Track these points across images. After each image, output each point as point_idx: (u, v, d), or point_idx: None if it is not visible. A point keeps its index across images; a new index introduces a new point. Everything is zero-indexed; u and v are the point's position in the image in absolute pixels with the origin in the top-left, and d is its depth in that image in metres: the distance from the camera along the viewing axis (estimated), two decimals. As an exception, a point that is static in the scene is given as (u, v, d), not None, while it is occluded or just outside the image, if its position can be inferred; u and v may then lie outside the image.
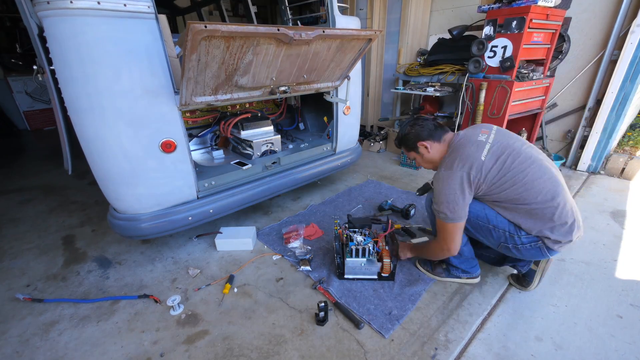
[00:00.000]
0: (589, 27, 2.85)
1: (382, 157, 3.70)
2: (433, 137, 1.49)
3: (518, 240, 1.38)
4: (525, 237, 1.36)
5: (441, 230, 1.43)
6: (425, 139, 1.49)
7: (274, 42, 1.50)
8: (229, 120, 2.27)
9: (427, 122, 1.51)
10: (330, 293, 1.61)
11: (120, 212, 1.67)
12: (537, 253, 1.39)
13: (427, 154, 1.51)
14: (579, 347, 1.32)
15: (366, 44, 1.90)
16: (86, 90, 1.34)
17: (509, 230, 1.38)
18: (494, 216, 1.40)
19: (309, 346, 1.35)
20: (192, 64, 1.34)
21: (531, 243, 1.37)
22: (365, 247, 1.64)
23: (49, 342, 1.40)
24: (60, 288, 1.73)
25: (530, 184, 1.28)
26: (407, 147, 1.57)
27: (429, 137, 1.49)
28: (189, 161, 1.70)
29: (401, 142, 1.60)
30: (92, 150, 1.47)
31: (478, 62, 2.79)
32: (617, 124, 2.83)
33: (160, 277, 1.79)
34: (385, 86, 4.25)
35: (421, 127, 1.50)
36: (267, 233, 2.16)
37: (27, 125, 5.30)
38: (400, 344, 1.35)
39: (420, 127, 1.50)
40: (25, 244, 2.13)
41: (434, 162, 1.53)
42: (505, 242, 1.41)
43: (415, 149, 1.54)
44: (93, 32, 1.27)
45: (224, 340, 1.39)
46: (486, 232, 1.44)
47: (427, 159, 1.54)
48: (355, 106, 2.55)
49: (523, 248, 1.39)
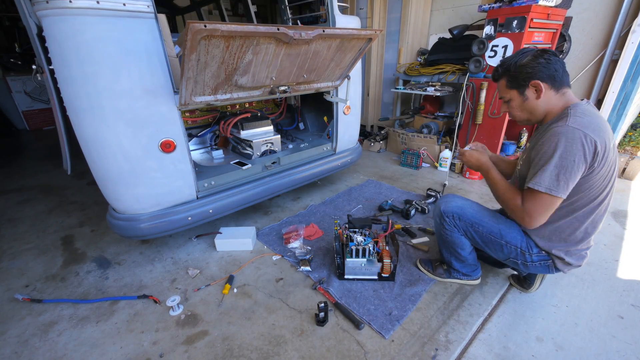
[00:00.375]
0: (590, 27, 2.85)
1: (383, 157, 3.70)
2: (554, 82, 1.15)
3: (529, 257, 1.35)
4: (536, 255, 1.33)
5: (534, 198, 1.16)
6: (544, 79, 1.15)
7: (273, 42, 1.50)
8: (228, 120, 2.27)
9: (555, 61, 1.14)
10: (330, 293, 1.61)
11: (120, 212, 1.67)
12: (543, 270, 1.38)
13: (534, 100, 1.19)
14: (580, 348, 1.32)
15: (366, 44, 1.90)
16: (85, 89, 1.34)
17: (521, 247, 1.34)
18: (507, 232, 1.36)
19: (309, 347, 1.35)
20: (191, 64, 1.34)
21: (541, 261, 1.35)
22: (366, 248, 1.64)
23: (48, 343, 1.40)
24: (60, 288, 1.73)
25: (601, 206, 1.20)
26: (512, 82, 1.22)
27: (549, 79, 1.15)
28: (189, 161, 1.70)
29: (506, 72, 1.23)
30: (91, 150, 1.47)
31: (479, 61, 2.79)
32: (618, 123, 2.83)
33: (160, 278, 1.79)
34: (385, 86, 4.25)
35: (547, 62, 1.13)
36: (266, 233, 2.16)
37: (26, 125, 5.31)
38: (401, 344, 1.35)
39: (546, 62, 1.13)
40: (24, 244, 2.13)
41: (535, 114, 1.22)
42: (515, 257, 1.38)
43: (521, 88, 1.20)
44: (92, 31, 1.27)
45: (223, 341, 1.39)
46: (497, 247, 1.41)
47: (530, 107, 1.21)
48: (355, 106, 2.55)
49: (532, 265, 1.37)
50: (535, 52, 1.18)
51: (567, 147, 1.06)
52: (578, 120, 1.08)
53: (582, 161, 1.07)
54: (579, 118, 1.08)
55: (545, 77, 1.15)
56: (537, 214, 1.17)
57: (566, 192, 1.10)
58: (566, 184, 1.09)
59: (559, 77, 1.15)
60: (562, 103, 1.18)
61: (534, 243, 1.34)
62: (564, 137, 1.07)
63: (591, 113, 1.11)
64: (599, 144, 1.06)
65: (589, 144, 1.05)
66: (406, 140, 3.54)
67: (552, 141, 1.09)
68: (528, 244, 1.34)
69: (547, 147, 1.10)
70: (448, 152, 3.14)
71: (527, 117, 1.26)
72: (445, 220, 1.47)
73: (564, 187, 1.09)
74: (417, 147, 3.40)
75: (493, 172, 1.35)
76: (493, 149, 2.91)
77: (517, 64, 1.19)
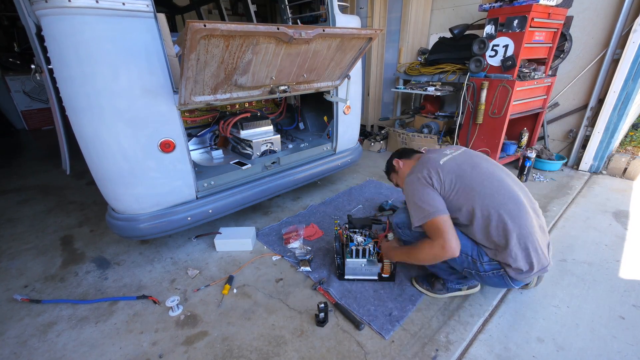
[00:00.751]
0: (591, 26, 2.85)
1: (383, 157, 3.70)
2: (403, 156, 1.67)
3: (480, 267, 1.35)
4: (487, 263, 1.34)
5: (430, 230, 1.33)
6: (397, 157, 1.68)
7: (273, 41, 1.50)
8: (228, 119, 2.27)
9: (403, 149, 1.74)
10: (330, 294, 1.61)
11: (119, 213, 1.67)
12: (500, 282, 1.37)
13: (400, 170, 1.64)
14: (580, 349, 1.32)
15: (366, 43, 1.90)
16: (84, 89, 1.34)
17: (472, 255, 1.36)
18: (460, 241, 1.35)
19: (309, 347, 1.35)
20: (191, 63, 1.34)
21: (493, 271, 1.34)
22: (366, 248, 1.64)
23: (47, 344, 1.40)
24: (59, 289, 1.73)
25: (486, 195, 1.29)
26: (388, 171, 1.76)
27: (401, 156, 1.68)
28: (188, 161, 1.70)
29: (388, 175, 1.79)
30: (91, 150, 1.47)
31: (479, 61, 2.79)
32: (619, 123, 2.83)
33: (159, 278, 1.79)
34: (385, 85, 4.25)
35: (396, 151, 1.73)
36: (266, 233, 2.16)
37: (25, 125, 5.31)
38: (401, 345, 1.35)
39: (396, 151, 1.74)
40: (23, 245, 2.13)
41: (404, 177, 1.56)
42: (468, 267, 1.38)
43: (393, 169, 1.70)
44: (91, 31, 1.27)
45: (223, 342, 1.39)
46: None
47: (401, 176, 1.63)
48: (355, 106, 2.55)
49: (485, 276, 1.36)
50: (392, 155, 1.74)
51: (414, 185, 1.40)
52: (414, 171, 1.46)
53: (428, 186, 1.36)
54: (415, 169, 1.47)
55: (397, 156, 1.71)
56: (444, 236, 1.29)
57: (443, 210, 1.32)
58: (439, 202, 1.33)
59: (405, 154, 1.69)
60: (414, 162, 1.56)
61: (484, 251, 1.34)
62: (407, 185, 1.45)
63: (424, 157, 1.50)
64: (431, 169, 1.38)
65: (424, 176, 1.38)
66: (406, 140, 3.54)
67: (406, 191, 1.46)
68: (479, 251, 1.35)
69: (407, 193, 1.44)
70: (448, 152, 3.13)
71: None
72: (399, 230, 1.57)
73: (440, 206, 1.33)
74: (418, 147, 3.40)
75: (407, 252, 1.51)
76: (494, 149, 2.91)
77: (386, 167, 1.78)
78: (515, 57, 2.58)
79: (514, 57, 2.58)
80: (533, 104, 2.96)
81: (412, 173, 1.45)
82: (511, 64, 2.61)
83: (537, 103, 3.01)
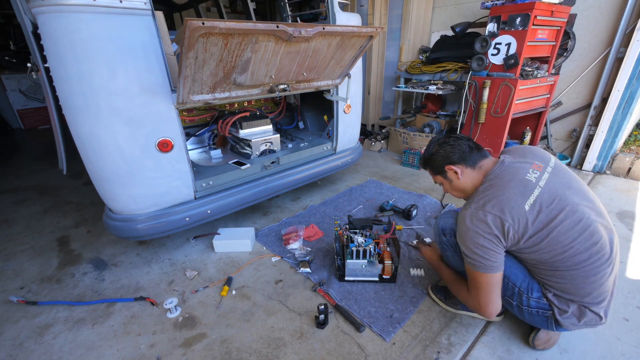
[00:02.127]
0: (595, 24, 2.85)
1: (384, 157, 3.71)
2: (466, 162, 1.24)
3: (525, 300, 1.20)
4: (535, 300, 1.19)
5: (471, 279, 1.19)
6: (455, 162, 1.25)
7: (273, 39, 1.50)
8: (227, 119, 2.27)
9: (460, 142, 1.26)
10: (330, 295, 1.61)
11: (116, 213, 1.67)
12: (541, 322, 1.22)
13: (457, 180, 1.27)
14: (584, 351, 1.32)
15: (367, 41, 1.90)
16: (81, 88, 1.34)
17: (520, 287, 1.21)
18: (508, 266, 1.20)
19: (309, 349, 1.35)
20: (189, 62, 1.34)
21: (539, 309, 1.20)
22: (366, 249, 1.64)
23: (43, 346, 1.40)
24: (55, 290, 1.73)
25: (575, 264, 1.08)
26: (433, 170, 1.34)
27: (460, 160, 1.24)
28: (186, 161, 1.70)
29: (426, 164, 1.37)
30: (88, 150, 1.47)
31: (481, 59, 2.79)
32: (623, 123, 2.83)
33: (157, 279, 1.79)
34: (386, 84, 4.25)
35: (452, 147, 1.25)
36: (266, 234, 2.16)
37: (21, 124, 5.31)
38: (402, 347, 1.35)
39: (451, 147, 1.25)
40: (19, 246, 2.13)
41: (464, 192, 1.29)
42: (510, 297, 1.24)
43: (443, 174, 1.30)
44: (88, 29, 1.27)
45: (222, 344, 1.39)
46: None
47: (457, 187, 1.30)
48: (355, 105, 2.55)
49: (527, 311, 1.22)
50: (440, 140, 1.31)
51: (472, 229, 1.11)
52: (481, 201, 1.12)
53: (492, 239, 1.09)
54: (482, 200, 1.12)
55: (457, 160, 1.25)
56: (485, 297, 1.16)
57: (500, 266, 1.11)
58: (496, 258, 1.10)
59: (469, 155, 1.24)
60: (481, 176, 1.23)
61: (537, 286, 1.20)
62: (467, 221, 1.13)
63: (501, 180, 1.14)
64: (505, 219, 1.07)
65: (492, 222, 1.08)
66: (408, 140, 3.54)
67: (460, 227, 1.17)
68: (530, 285, 1.20)
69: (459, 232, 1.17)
70: (450, 152, 3.13)
71: (462, 194, 1.33)
72: (444, 237, 1.37)
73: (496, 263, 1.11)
74: (419, 147, 3.40)
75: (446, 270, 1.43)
76: (496, 148, 2.91)
77: (430, 156, 1.33)
78: (518, 56, 2.58)
79: (517, 56, 2.59)
80: (536, 103, 2.96)
81: (481, 207, 1.10)
82: (514, 63, 2.61)
83: (540, 102, 3.01)
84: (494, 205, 1.08)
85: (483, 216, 1.09)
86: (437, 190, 2.79)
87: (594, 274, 1.08)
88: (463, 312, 1.50)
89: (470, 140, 1.27)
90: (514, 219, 1.06)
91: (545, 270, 1.14)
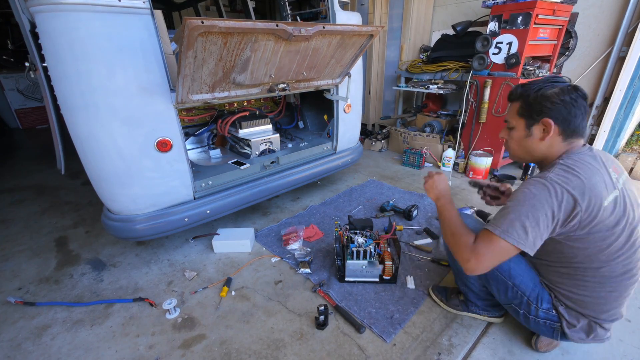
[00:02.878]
0: (597, 23, 2.85)
1: (384, 157, 3.71)
2: (567, 128, 1.04)
3: (534, 310, 1.17)
4: (544, 311, 1.16)
5: (482, 239, 1.04)
6: (558, 120, 1.03)
7: (272, 38, 1.50)
8: (226, 118, 2.27)
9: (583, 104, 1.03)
10: (330, 296, 1.61)
11: (115, 213, 1.67)
12: (547, 332, 1.20)
13: (538, 139, 1.08)
14: (585, 352, 1.32)
15: (367, 40, 1.90)
16: (79, 87, 1.34)
17: (529, 297, 1.18)
18: (518, 272, 1.18)
19: (309, 351, 1.35)
20: (188, 61, 1.34)
21: (547, 320, 1.16)
22: (367, 249, 1.64)
23: (41, 347, 1.40)
24: (53, 291, 1.73)
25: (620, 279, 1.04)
26: (524, 110, 1.09)
27: (563, 122, 1.03)
28: (185, 161, 1.70)
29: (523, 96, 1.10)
30: (86, 150, 1.47)
31: (482, 58, 2.79)
32: (625, 122, 2.83)
33: (156, 280, 1.79)
34: (387, 84, 4.25)
35: (571, 104, 1.01)
36: (265, 234, 2.16)
37: (19, 124, 5.31)
38: (403, 348, 1.35)
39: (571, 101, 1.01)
40: (16, 246, 2.13)
41: (532, 154, 1.13)
42: (517, 305, 1.21)
43: (531, 120, 1.08)
44: (87, 27, 1.27)
45: (221, 345, 1.39)
46: (501, 287, 1.23)
47: (529, 145, 1.11)
48: (356, 104, 2.55)
49: (533, 320, 1.20)
50: (565, 86, 1.04)
51: (538, 197, 0.97)
52: (562, 174, 0.98)
53: (550, 220, 0.96)
54: (564, 172, 0.98)
55: (560, 119, 1.03)
56: (485, 257, 1.02)
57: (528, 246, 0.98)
58: (526, 235, 0.97)
59: (574, 125, 1.04)
60: (562, 151, 1.07)
61: (548, 297, 1.16)
62: (539, 187, 0.98)
63: (586, 165, 1.00)
64: (579, 204, 0.94)
65: (566, 201, 0.95)
66: (408, 140, 3.54)
67: (525, 188, 1.01)
68: (540, 295, 1.17)
69: (518, 194, 1.02)
70: (451, 152, 3.14)
71: (522, 155, 1.17)
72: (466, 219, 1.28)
73: (524, 238, 0.97)
74: (420, 147, 3.41)
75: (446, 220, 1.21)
76: (497, 148, 2.91)
77: (539, 92, 1.06)
78: (520, 55, 2.58)
79: (518, 55, 2.59)
80: (537, 102, 2.96)
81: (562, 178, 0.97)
82: (515, 62, 2.62)
83: (542, 101, 3.01)
84: (576, 187, 0.95)
85: (560, 193, 0.95)
86: (438, 191, 2.79)
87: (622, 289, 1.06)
88: (464, 314, 1.50)
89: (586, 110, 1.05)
90: (588, 209, 0.95)
91: (569, 277, 1.09)
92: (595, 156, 1.03)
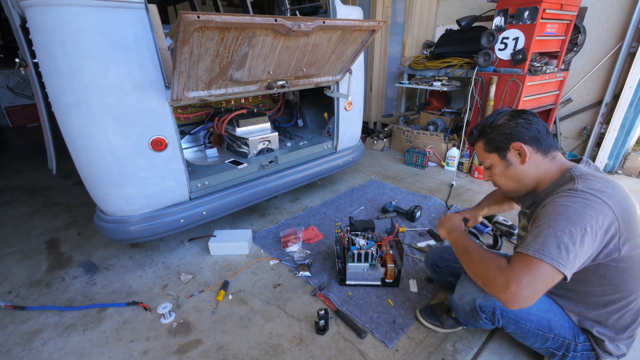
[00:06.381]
0: (606, 18, 2.85)
1: (386, 156, 3.71)
2: (539, 145, 1.04)
3: (572, 346, 1.12)
4: (582, 344, 1.11)
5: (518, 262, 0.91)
6: (527, 141, 1.04)
7: (271, 34, 1.51)
8: (223, 116, 2.27)
9: (537, 121, 1.05)
10: (330, 300, 1.61)
11: (108, 214, 1.67)
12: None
13: (518, 165, 1.07)
14: None
15: (369, 36, 1.90)
16: (71, 84, 1.34)
17: (569, 338, 1.12)
18: (556, 322, 1.12)
19: (309, 356, 1.35)
20: (184, 57, 1.34)
21: (584, 352, 1.12)
22: (368, 252, 1.64)
23: (32, 352, 1.40)
24: (44, 295, 1.73)
25: None
26: (489, 145, 1.11)
27: (533, 141, 1.04)
28: (181, 160, 1.70)
29: (482, 135, 1.13)
30: (78, 149, 1.48)
31: (488, 54, 2.79)
32: (635, 120, 2.83)
33: (151, 284, 1.79)
34: (389, 80, 4.25)
35: (527, 122, 1.04)
36: (263, 236, 2.16)
37: (9, 122, 5.31)
38: (405, 354, 1.35)
39: (526, 122, 1.04)
40: (6, 248, 2.13)
41: (521, 182, 1.10)
42: (556, 348, 1.15)
43: (502, 152, 1.08)
44: (79, 22, 1.27)
45: (218, 351, 1.39)
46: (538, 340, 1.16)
47: (513, 174, 1.09)
48: (357, 101, 2.55)
49: (572, 356, 1.15)
50: (511, 112, 1.09)
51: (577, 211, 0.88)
52: (589, 183, 0.92)
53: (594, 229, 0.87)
54: (589, 181, 0.93)
55: (528, 139, 1.04)
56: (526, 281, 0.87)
57: (569, 266, 0.87)
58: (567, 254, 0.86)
59: (544, 139, 1.05)
60: (556, 167, 1.05)
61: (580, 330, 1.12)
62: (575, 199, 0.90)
63: (600, 175, 0.97)
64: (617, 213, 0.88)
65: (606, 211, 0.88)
66: (411, 138, 3.54)
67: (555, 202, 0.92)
68: (575, 331, 1.11)
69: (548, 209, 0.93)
70: (455, 151, 3.14)
71: (515, 186, 1.13)
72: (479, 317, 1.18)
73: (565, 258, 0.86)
74: (423, 145, 3.41)
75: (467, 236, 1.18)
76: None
77: (492, 124, 1.10)
78: (526, 51, 2.58)
79: (525, 51, 2.59)
80: (545, 99, 2.97)
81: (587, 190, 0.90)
82: (521, 58, 2.62)
83: (549, 99, 3.02)
84: (611, 196, 0.89)
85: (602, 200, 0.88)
86: (442, 191, 2.79)
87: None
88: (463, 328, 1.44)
89: (545, 125, 1.07)
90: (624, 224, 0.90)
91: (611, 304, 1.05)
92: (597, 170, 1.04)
